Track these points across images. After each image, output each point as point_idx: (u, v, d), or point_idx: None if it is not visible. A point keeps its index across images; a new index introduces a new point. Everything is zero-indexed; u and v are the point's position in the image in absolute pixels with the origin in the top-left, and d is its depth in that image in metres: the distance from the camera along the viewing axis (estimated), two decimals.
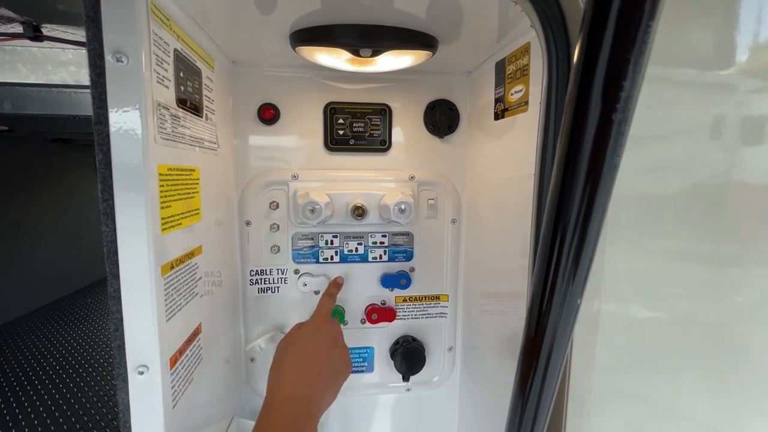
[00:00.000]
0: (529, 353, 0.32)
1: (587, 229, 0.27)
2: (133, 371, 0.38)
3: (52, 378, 2.08)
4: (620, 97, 0.23)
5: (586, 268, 0.29)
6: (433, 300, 0.77)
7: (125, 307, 0.38)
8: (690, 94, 0.46)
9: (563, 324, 0.31)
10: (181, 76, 0.46)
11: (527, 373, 0.33)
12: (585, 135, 0.25)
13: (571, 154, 0.26)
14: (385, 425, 0.81)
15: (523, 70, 0.53)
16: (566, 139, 0.26)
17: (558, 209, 0.28)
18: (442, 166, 0.74)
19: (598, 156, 0.25)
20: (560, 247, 0.29)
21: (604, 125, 0.24)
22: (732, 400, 0.53)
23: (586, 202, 0.27)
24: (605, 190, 0.26)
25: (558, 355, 0.31)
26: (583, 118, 0.25)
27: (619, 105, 0.23)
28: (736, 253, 0.50)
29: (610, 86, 0.23)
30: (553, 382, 0.32)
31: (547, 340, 0.31)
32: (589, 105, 0.24)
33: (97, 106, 0.35)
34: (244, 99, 0.68)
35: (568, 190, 0.27)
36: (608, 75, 0.23)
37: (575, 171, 0.26)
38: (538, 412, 0.33)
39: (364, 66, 0.57)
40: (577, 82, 0.25)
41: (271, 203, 0.70)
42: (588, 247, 0.28)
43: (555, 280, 0.30)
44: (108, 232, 0.36)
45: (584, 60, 0.24)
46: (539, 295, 0.31)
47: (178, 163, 0.44)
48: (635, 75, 0.23)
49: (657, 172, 0.47)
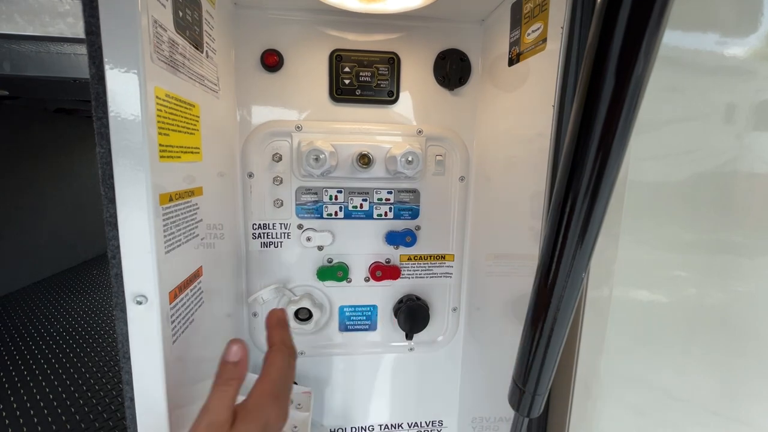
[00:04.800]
0: (537, 311, 0.32)
1: (599, 188, 0.26)
2: (131, 300, 0.37)
3: (54, 348, 2.11)
4: (644, 38, 0.21)
5: (596, 231, 0.28)
6: (439, 259, 0.76)
7: (122, 233, 0.36)
8: (705, 78, 0.44)
9: (569, 292, 0.30)
10: (179, 0, 0.43)
11: (534, 330, 0.32)
12: (605, 81, 0.23)
13: (590, 102, 0.24)
14: (387, 384, 0.80)
15: (541, 6, 0.49)
16: (586, 82, 0.24)
17: (572, 166, 0.26)
18: (452, 121, 0.71)
19: (616, 107, 0.24)
20: (570, 212, 0.28)
21: (626, 64, 0.22)
22: (737, 387, 0.52)
23: (600, 158, 0.25)
24: (619, 152, 0.25)
25: (564, 318, 0.31)
26: (604, 59, 0.23)
27: (642, 46, 0.21)
28: (747, 241, 0.48)
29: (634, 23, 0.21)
30: (558, 345, 0.31)
31: (554, 305, 0.31)
32: (610, 47, 0.22)
33: (88, 15, 0.33)
34: (247, 44, 0.65)
35: (583, 146, 0.25)
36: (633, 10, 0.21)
37: (592, 126, 0.25)
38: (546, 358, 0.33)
39: (372, 3, 0.54)
40: (602, 17, 0.22)
41: (274, 155, 0.68)
42: (599, 209, 0.27)
43: (564, 246, 0.29)
44: (103, 153, 0.35)
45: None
46: (548, 260, 0.30)
47: (176, 92, 0.42)
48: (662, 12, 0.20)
49: (669, 158, 0.45)
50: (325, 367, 0.78)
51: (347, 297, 0.75)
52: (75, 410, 1.66)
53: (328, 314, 0.75)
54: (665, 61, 0.43)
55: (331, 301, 0.75)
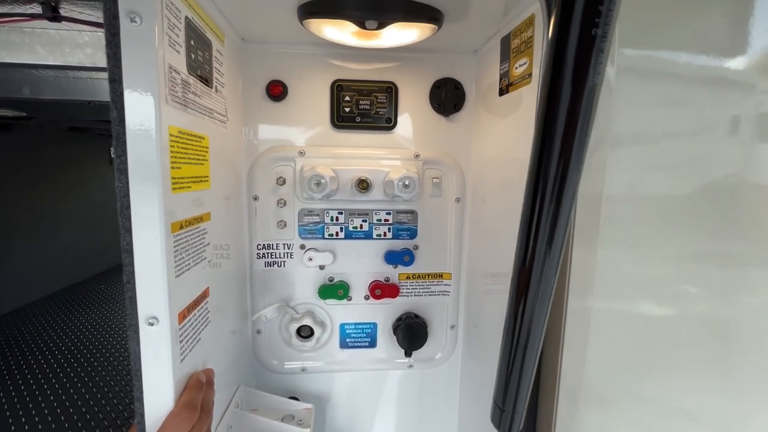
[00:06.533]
0: (512, 322, 0.34)
1: (562, 194, 0.29)
2: (144, 322, 0.40)
3: (62, 362, 2.13)
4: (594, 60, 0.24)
5: (562, 237, 0.30)
6: (436, 278, 0.78)
7: (137, 260, 0.39)
8: (702, 91, 0.46)
9: (540, 301, 0.32)
10: (192, 44, 0.47)
11: (509, 350, 0.35)
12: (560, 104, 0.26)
13: (550, 112, 0.27)
14: (387, 400, 0.82)
15: (527, 43, 0.53)
16: (543, 107, 0.27)
17: (536, 173, 0.29)
18: (447, 145, 0.75)
19: (570, 128, 0.27)
20: (538, 220, 0.30)
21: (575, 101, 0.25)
22: (722, 396, 0.53)
23: (561, 170, 0.28)
24: (577, 165, 0.28)
25: (537, 329, 0.33)
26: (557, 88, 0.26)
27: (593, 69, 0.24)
28: (738, 253, 0.50)
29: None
30: (532, 359, 0.34)
31: (526, 322, 0.33)
32: (564, 62, 0.25)
33: (112, 65, 0.36)
34: (253, 76, 0.69)
35: (546, 154, 0.28)
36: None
37: (552, 135, 0.28)
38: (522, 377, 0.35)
39: (370, 39, 0.58)
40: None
41: (278, 179, 0.71)
42: (563, 215, 0.29)
43: (533, 254, 0.31)
44: (121, 187, 0.38)
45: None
46: (519, 270, 0.32)
47: (188, 128, 0.46)
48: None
49: (661, 171, 0.47)
50: (325, 383, 0.80)
51: (348, 315, 0.77)
52: (82, 424, 1.68)
53: (329, 332, 0.77)
54: (661, 74, 0.45)
55: (332, 319, 0.77)
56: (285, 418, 0.67)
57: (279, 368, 0.77)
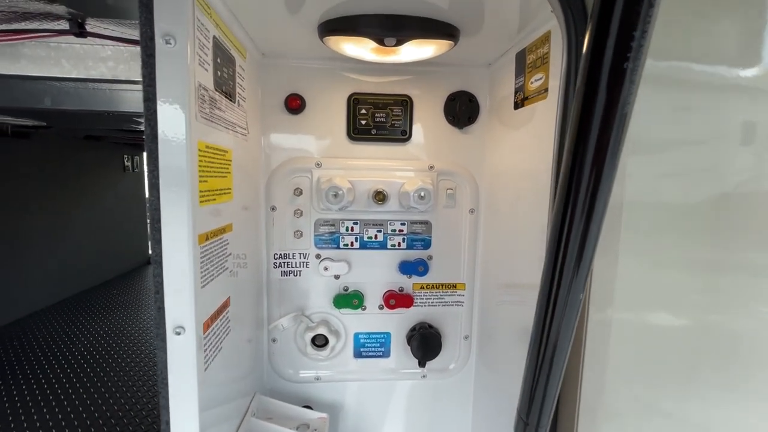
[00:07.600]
0: (537, 344, 0.34)
1: (594, 208, 0.29)
2: (171, 331, 0.41)
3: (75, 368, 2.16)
4: (623, 94, 0.24)
5: (591, 250, 0.31)
6: (450, 288, 0.79)
7: (166, 270, 0.41)
8: (716, 97, 0.47)
9: (569, 314, 0.32)
10: (218, 61, 0.49)
11: (535, 362, 0.35)
12: (593, 120, 0.27)
13: (581, 138, 0.28)
14: (400, 411, 0.82)
15: (543, 59, 0.54)
16: (576, 122, 0.28)
17: (566, 194, 0.30)
18: (462, 157, 0.76)
19: (603, 143, 0.27)
20: (568, 234, 0.30)
21: (609, 115, 0.26)
22: (747, 410, 0.52)
23: (591, 191, 0.28)
24: (607, 185, 0.28)
25: (564, 341, 0.33)
26: (591, 102, 0.27)
27: (624, 99, 0.25)
28: (757, 263, 0.49)
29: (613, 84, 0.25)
30: (558, 372, 0.34)
31: (553, 335, 0.33)
32: (597, 93, 0.26)
33: (146, 84, 0.38)
34: (272, 89, 0.71)
35: (577, 175, 0.29)
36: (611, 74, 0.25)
37: (583, 158, 0.28)
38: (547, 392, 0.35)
39: (387, 55, 0.60)
40: (587, 67, 0.26)
41: (295, 190, 0.73)
42: (593, 229, 0.30)
43: (562, 268, 0.31)
44: (153, 201, 0.40)
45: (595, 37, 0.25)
46: (548, 284, 0.33)
47: (214, 142, 0.47)
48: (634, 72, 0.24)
49: (676, 179, 0.47)
50: (339, 392, 0.80)
51: (362, 324, 0.78)
52: (95, 431, 1.70)
53: (344, 341, 0.78)
54: (678, 82, 0.46)
55: (346, 328, 0.78)
56: (300, 427, 0.67)
57: (294, 377, 0.78)
